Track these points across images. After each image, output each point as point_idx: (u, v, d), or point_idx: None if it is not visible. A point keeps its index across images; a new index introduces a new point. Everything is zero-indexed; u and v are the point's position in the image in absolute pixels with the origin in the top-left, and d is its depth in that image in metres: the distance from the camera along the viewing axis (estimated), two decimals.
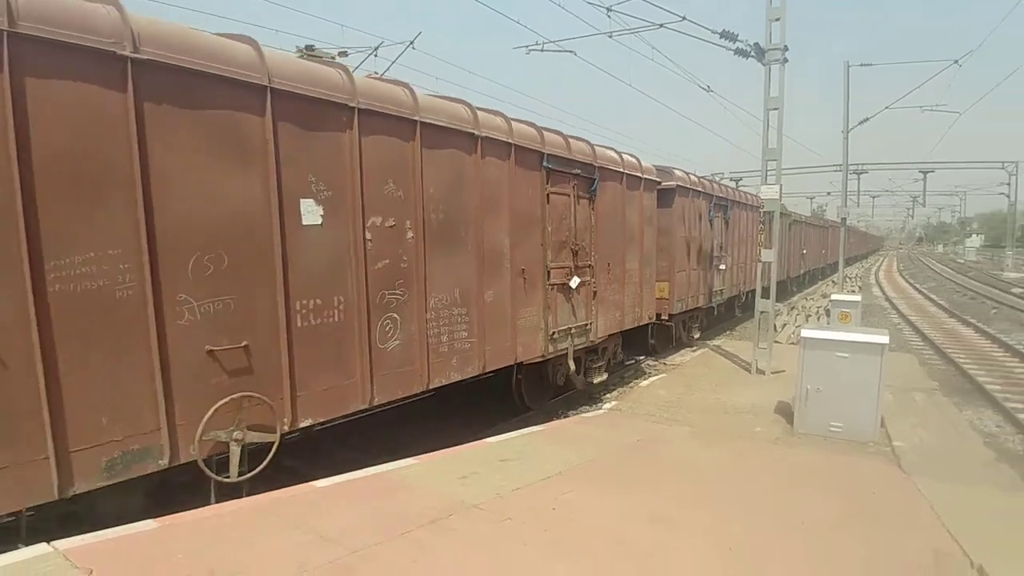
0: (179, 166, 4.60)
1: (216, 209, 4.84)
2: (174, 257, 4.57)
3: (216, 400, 4.84)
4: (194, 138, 4.69)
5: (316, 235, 5.59)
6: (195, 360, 4.74)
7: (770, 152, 11.30)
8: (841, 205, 25.05)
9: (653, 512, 5.26)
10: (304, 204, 5.49)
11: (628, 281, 11.17)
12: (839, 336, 8.00)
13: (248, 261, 5.06)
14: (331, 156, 5.70)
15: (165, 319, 4.53)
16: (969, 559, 4.56)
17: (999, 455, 7.68)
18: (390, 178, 6.27)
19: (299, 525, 4.64)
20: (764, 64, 11.10)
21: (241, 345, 5.04)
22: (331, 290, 5.77)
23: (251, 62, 5.04)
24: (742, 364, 12.27)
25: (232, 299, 4.96)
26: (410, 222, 6.53)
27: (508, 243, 8.03)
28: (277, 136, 5.19)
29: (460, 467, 6.18)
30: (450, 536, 4.59)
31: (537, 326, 8.69)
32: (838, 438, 7.74)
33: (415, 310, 6.66)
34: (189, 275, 4.67)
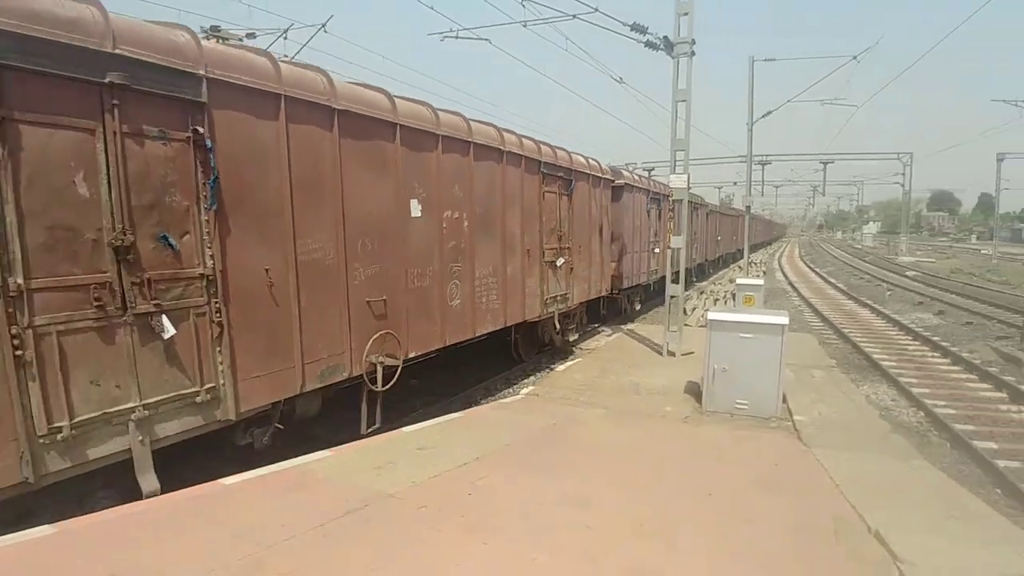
0: (354, 180, 6.74)
1: (370, 207, 7.02)
2: (352, 240, 6.77)
3: (372, 335, 7.08)
4: (361, 161, 6.86)
5: (418, 224, 7.85)
6: (361, 307, 6.95)
7: (678, 143, 11.66)
8: (746, 194, 26.26)
9: (568, 493, 5.38)
10: (412, 203, 7.75)
11: (592, 261, 13.75)
12: (743, 318, 8.40)
13: (385, 242, 7.30)
14: (425, 168, 7.97)
15: (348, 280, 6.73)
16: (866, 524, 4.91)
17: (894, 427, 8.30)
18: (456, 183, 8.60)
19: (207, 523, 4.47)
20: (673, 57, 11.42)
21: (383, 298, 7.26)
22: (425, 262, 8.06)
23: (388, 107, 7.30)
24: (654, 347, 12.69)
25: (378, 267, 7.19)
26: (466, 215, 8.86)
27: (519, 231, 10.42)
28: (400, 157, 7.43)
29: (376, 457, 6.10)
30: (365, 527, 4.54)
31: (536, 293, 11.12)
32: (743, 415, 8.15)
33: (468, 279, 9.02)
34: (358, 251, 6.88)
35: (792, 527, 4.84)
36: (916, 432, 8.76)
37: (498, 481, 5.61)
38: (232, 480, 5.37)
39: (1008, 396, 10.39)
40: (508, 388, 10.90)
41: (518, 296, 10.48)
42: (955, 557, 4.40)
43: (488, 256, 9.49)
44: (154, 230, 4.84)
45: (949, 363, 12.98)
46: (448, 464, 5.97)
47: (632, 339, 14.04)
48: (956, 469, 7.45)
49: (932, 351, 14.20)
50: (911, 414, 9.65)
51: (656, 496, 5.41)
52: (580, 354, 13.04)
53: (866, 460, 6.58)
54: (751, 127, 24.16)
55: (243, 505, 4.85)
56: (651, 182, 19.52)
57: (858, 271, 40.52)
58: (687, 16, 11.14)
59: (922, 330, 16.43)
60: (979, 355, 13.61)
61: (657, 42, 11.74)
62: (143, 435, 4.80)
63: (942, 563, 4.29)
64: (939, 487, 5.96)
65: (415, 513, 4.82)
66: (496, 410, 8.79)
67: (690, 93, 11.39)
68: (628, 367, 11.08)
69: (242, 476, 5.47)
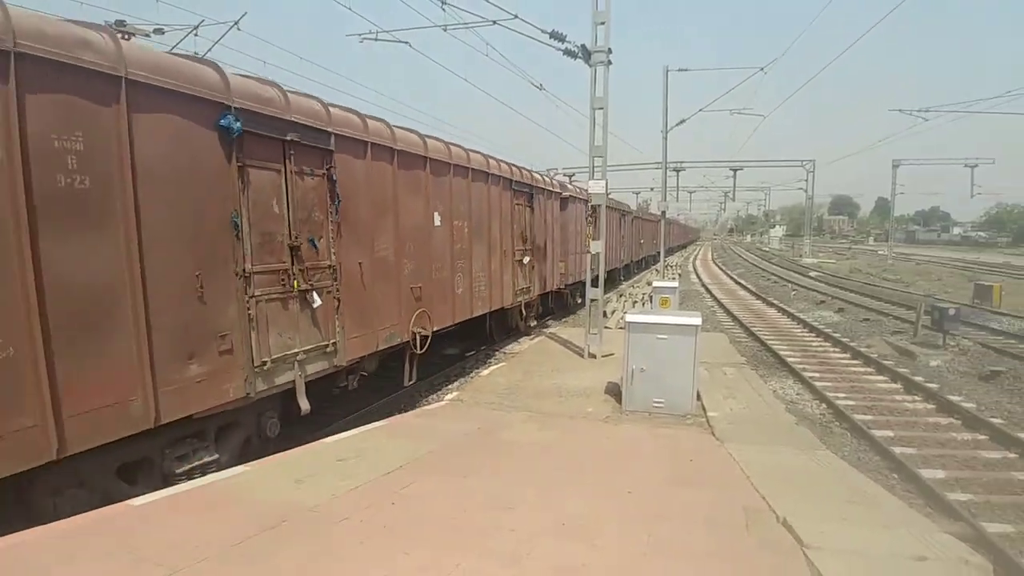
0: (403, 200, 9.18)
1: (411, 219, 9.49)
2: (402, 243, 9.19)
3: (414, 312, 9.56)
4: (407, 185, 9.32)
5: (438, 231, 10.38)
6: (407, 292, 9.43)
7: (597, 149, 11.90)
8: (661, 199, 27.18)
9: (492, 496, 5.39)
10: (435, 215, 10.24)
11: (547, 260, 16.65)
12: (659, 320, 8.68)
13: (420, 244, 9.77)
14: (442, 189, 10.50)
15: (400, 272, 9.20)
16: (775, 513, 5.15)
17: (799, 419, 8.76)
18: (461, 200, 11.27)
19: (114, 549, 4.20)
20: (590, 65, 11.65)
21: (419, 286, 9.75)
22: (442, 259, 10.60)
23: (421, 144, 9.82)
24: (576, 349, 12.91)
25: (416, 263, 9.67)
26: (467, 223, 11.48)
27: (500, 235, 13.13)
28: (428, 182, 9.96)
29: (295, 470, 5.92)
30: (283, 544, 4.39)
31: (509, 285, 13.89)
32: (661, 413, 8.40)
33: (468, 272, 11.64)
34: (405, 251, 9.32)
35: (707, 520, 5.03)
36: (820, 424, 9.28)
37: (422, 489, 5.55)
38: (141, 501, 5.07)
39: (902, 387, 11.18)
40: (432, 394, 10.82)
41: (499, 287, 13.28)
42: (857, 540, 4.68)
43: (480, 255, 12.24)
44: (307, 235, 7.14)
45: (849, 357, 13.83)
46: (371, 474, 5.86)
47: (554, 342, 14.22)
48: (857, 457, 7.93)
49: (833, 347, 15.10)
50: (815, 407, 10.21)
51: (578, 496, 5.49)
52: (504, 358, 13.11)
53: (774, 452, 6.91)
54: (666, 134, 25.05)
55: (153, 527, 4.59)
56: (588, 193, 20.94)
57: (766, 272, 42.59)
58: (604, 25, 11.37)
59: (824, 327, 17.45)
60: (876, 349, 14.58)
61: (575, 50, 11.96)
62: (301, 371, 7.10)
63: (845, 546, 4.56)
64: (841, 475, 6.34)
65: (336, 526, 4.71)
66: (419, 417, 8.71)
67: (607, 101, 11.65)
68: (551, 370, 11.22)
69: (152, 496, 5.18)
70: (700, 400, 8.75)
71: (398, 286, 9.15)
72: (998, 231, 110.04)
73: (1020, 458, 7.77)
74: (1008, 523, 6.07)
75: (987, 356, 13.71)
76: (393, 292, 9.03)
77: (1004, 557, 5.20)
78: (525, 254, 14.64)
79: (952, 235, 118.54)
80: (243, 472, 5.87)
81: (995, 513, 6.32)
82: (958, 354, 14.01)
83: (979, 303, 22.54)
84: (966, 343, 14.96)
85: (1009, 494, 6.78)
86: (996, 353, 13.91)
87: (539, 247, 15.68)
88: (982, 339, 15.57)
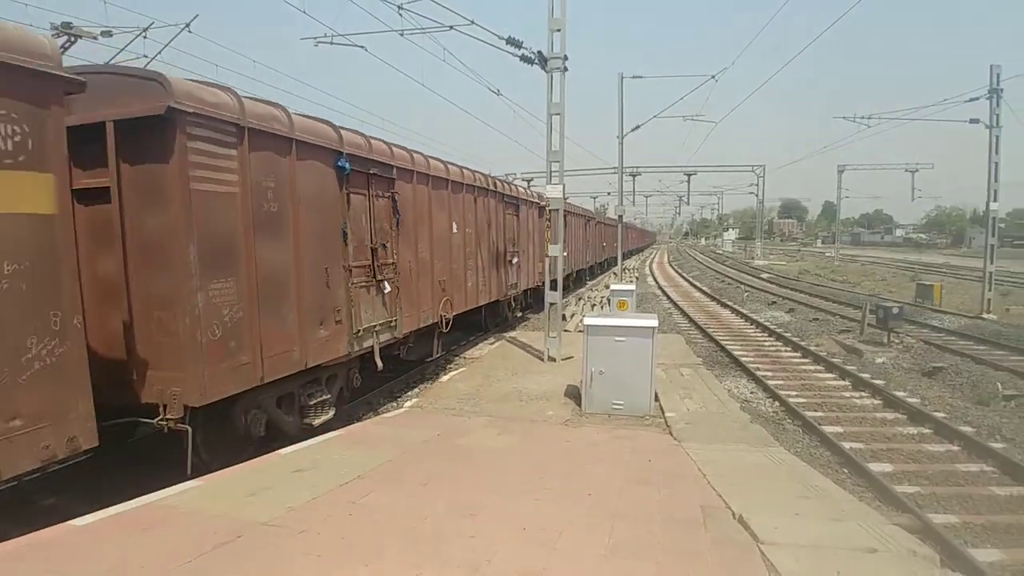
0: (434, 214, 11.57)
1: (439, 228, 11.86)
2: (434, 247, 11.60)
3: (441, 299, 11.89)
4: (436, 202, 11.70)
5: (455, 237, 12.72)
6: (436, 285, 11.71)
7: (554, 154, 11.97)
8: (618, 204, 27.50)
9: (452, 503, 5.34)
10: (453, 224, 12.59)
11: (529, 261, 18.91)
12: (616, 322, 8.77)
13: (444, 247, 12.11)
14: (459, 203, 12.93)
15: (433, 269, 11.56)
16: (731, 510, 5.24)
17: (753, 417, 8.94)
18: (470, 212, 13.66)
19: (54, 572, 4.01)
20: (547, 71, 11.70)
21: (444, 280, 12.04)
22: (457, 259, 12.90)
23: (444, 169, 12.16)
24: (535, 353, 12.93)
25: (442, 262, 11.96)
26: (474, 231, 13.95)
27: (495, 240, 15.63)
28: (449, 198, 12.39)
29: (249, 484, 5.76)
30: (236, 560, 4.25)
31: (502, 281, 16.34)
32: (620, 414, 8.47)
33: (475, 269, 14.02)
34: (435, 252, 11.61)
35: (665, 519, 5.08)
36: (773, 421, 9.48)
37: (380, 499, 5.46)
38: (84, 521, 4.86)
39: (851, 384, 11.52)
40: (391, 401, 10.69)
41: (495, 282, 15.71)
42: (810, 534, 4.79)
43: (483, 256, 14.58)
44: (381, 241, 9.47)
45: (800, 356, 14.20)
46: (328, 485, 5.74)
47: (514, 346, 14.23)
48: (808, 453, 8.13)
49: (785, 346, 15.48)
50: (768, 405, 10.43)
51: (539, 500, 5.49)
52: (464, 363, 13.04)
53: (730, 450, 7.04)
54: (621, 140, 25.36)
55: (97, 548, 4.40)
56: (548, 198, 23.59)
57: (720, 274, 43.47)
58: (560, 32, 11.44)
59: (776, 327, 17.89)
60: (825, 348, 15.01)
61: (532, 56, 12.00)
62: (377, 339, 9.40)
63: (798, 540, 4.66)
64: (794, 471, 6.48)
65: (292, 540, 4.59)
66: (378, 425, 8.60)
67: (564, 107, 11.72)
68: (511, 374, 11.21)
69: (95, 516, 4.97)
70: (658, 401, 8.85)
71: (431, 279, 11.57)
72: (938, 233, 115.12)
73: (963, 451, 8.08)
74: (953, 514, 6.30)
75: (929, 353, 14.26)
76: (428, 284, 11.45)
77: (950, 547, 5.39)
78: (514, 255, 17.08)
79: (895, 237, 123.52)
80: (195, 487, 5.69)
81: (940, 504, 6.55)
82: (902, 351, 14.53)
83: (921, 302, 23.48)
84: (910, 340, 15.53)
85: (953, 486, 7.04)
86: (938, 350, 14.49)
87: (524, 250, 18.19)
88: (924, 336, 16.21)
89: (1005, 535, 5.86)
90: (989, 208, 20.62)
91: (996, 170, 20.05)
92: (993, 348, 14.55)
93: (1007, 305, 23.23)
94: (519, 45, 12.15)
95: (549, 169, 12.10)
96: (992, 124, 20.05)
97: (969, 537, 5.82)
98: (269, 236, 7.00)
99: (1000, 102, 19.95)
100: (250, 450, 7.10)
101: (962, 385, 11.41)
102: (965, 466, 7.58)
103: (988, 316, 19.79)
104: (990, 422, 9.08)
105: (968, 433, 8.45)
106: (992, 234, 20.75)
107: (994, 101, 19.98)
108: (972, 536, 5.85)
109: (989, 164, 20.11)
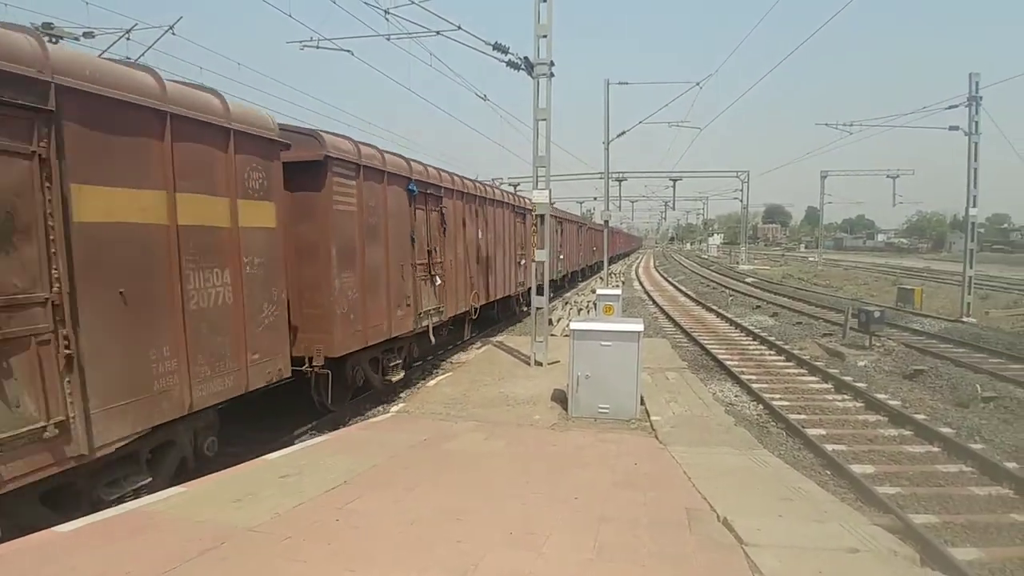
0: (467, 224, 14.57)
1: (469, 234, 14.71)
2: (466, 249, 14.46)
3: (471, 292, 14.89)
4: (468, 212, 14.57)
5: (481, 241, 15.56)
6: (468, 280, 14.67)
7: (540, 159, 12.01)
8: (604, 209, 27.62)
9: (439, 508, 5.34)
10: (479, 231, 15.35)
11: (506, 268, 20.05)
12: (602, 327, 8.82)
13: (473, 250, 14.89)
14: (485, 215, 15.87)
15: (468, 268, 14.54)
16: (716, 513, 5.28)
17: (737, 420, 9.03)
18: (491, 220, 16.25)
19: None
20: (533, 77, 11.76)
21: (472, 276, 14.84)
22: (481, 259, 15.40)
23: (473, 186, 15.15)
24: (522, 358, 12.96)
25: (471, 262, 14.77)
26: (493, 236, 16.53)
27: (508, 244, 18.21)
28: (477, 211, 15.24)
29: (234, 490, 5.72)
30: (221, 567, 4.23)
31: (513, 279, 18.88)
32: (606, 418, 8.52)
33: (494, 268, 16.65)
34: (468, 254, 14.58)
35: (651, 522, 5.11)
36: (757, 424, 9.58)
37: (367, 504, 5.46)
38: (68, 528, 4.80)
39: (833, 387, 11.66)
40: (378, 406, 10.67)
41: (509, 280, 18.50)
42: (793, 536, 4.85)
43: (500, 257, 17.30)
44: (433, 244, 12.19)
45: (783, 360, 14.35)
46: (315, 490, 5.72)
47: (501, 351, 14.24)
48: (792, 455, 8.23)
49: (768, 350, 15.64)
50: (753, 408, 10.54)
51: (525, 503, 5.50)
52: (451, 368, 13.04)
53: (714, 453, 7.10)
54: (607, 146, 25.46)
55: (79, 555, 4.35)
56: (558, 210, 28.61)
57: (705, 279, 43.78)
58: (546, 38, 11.51)
59: (760, 331, 18.05)
60: (808, 351, 15.17)
61: (518, 62, 12.05)
62: (430, 320, 12.12)
63: (781, 542, 4.72)
64: (778, 473, 6.55)
65: (278, 546, 4.57)
66: (365, 430, 8.57)
67: (550, 112, 11.78)
68: (497, 379, 11.23)
69: (80, 522, 4.91)
70: (644, 405, 8.91)
71: (465, 276, 14.31)
72: (919, 237, 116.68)
73: (943, 452, 8.21)
74: (933, 514, 6.41)
75: (910, 355, 14.47)
76: (463, 279, 14.18)
77: (930, 547, 5.47)
78: (522, 257, 19.57)
79: (877, 242, 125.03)
80: (179, 493, 5.65)
81: (921, 505, 6.66)
82: (884, 354, 14.72)
83: (902, 306, 23.77)
84: (891, 344, 15.74)
85: (933, 486, 7.16)
86: (919, 353, 14.69)
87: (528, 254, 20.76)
88: (905, 340, 16.43)
89: (984, 534, 5.97)
90: (968, 214, 20.97)
91: (975, 176, 20.40)
92: (972, 351, 14.78)
93: (986, 308, 23.61)
94: (505, 51, 12.20)
95: (535, 174, 12.14)
96: (971, 131, 20.40)
97: (949, 536, 5.92)
98: (371, 241, 9.95)
99: (979, 109, 20.32)
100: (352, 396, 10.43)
101: (942, 387, 11.59)
102: (945, 467, 7.70)
103: (968, 319, 20.11)
104: (969, 423, 9.22)
105: (948, 434, 8.58)
106: (971, 239, 21.10)
107: (973, 108, 20.35)
108: (952, 535, 5.95)
109: (968, 170, 20.45)
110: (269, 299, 7.35)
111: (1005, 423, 9.33)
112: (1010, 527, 6.11)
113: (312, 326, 8.79)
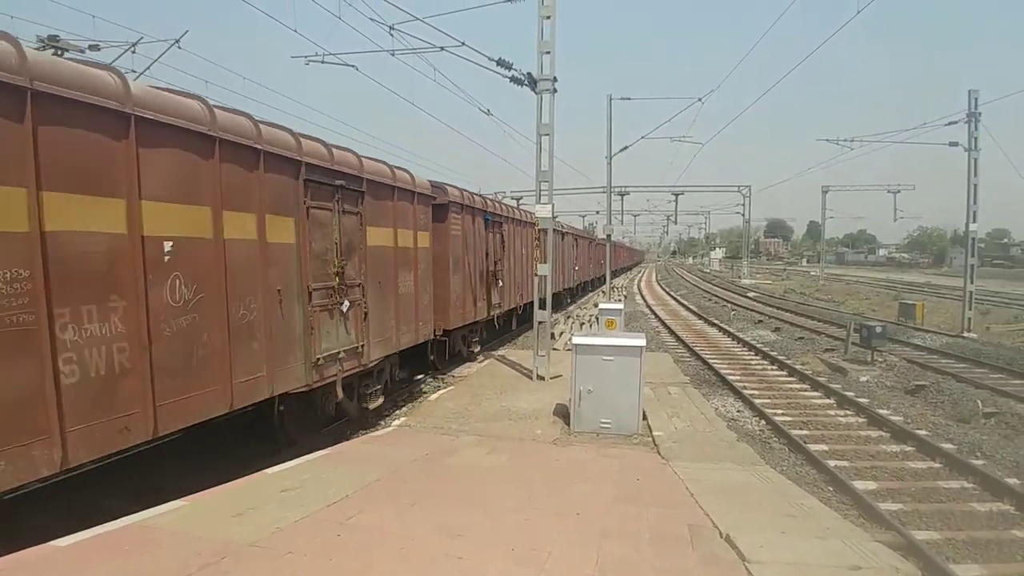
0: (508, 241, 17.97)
1: (515, 250, 18.77)
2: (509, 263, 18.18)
3: (517, 294, 19.06)
4: (518, 234, 19.05)
5: (520, 255, 19.23)
6: (516, 286, 18.86)
7: (543, 174, 12.07)
8: (607, 223, 27.70)
9: (441, 523, 5.33)
10: (521, 247, 19.30)
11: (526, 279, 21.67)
12: (605, 341, 8.82)
13: (519, 264, 19.18)
14: (514, 235, 18.57)
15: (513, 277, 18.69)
16: (718, 529, 5.28)
17: (740, 436, 9.01)
18: (515, 237, 18.66)
19: None
20: (536, 93, 11.86)
21: (517, 282, 19.01)
22: (505, 268, 17.49)
23: (515, 208, 20.72)
24: (524, 372, 12.96)
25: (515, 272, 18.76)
26: (515, 251, 18.65)
27: (527, 258, 19.47)
28: (509, 228, 18.08)
29: (234, 504, 5.72)
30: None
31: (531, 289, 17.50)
32: (608, 433, 8.51)
33: (503, 280, 17.24)
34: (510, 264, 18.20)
35: (653, 538, 5.11)
36: (759, 440, 9.55)
37: (369, 519, 5.45)
38: (67, 542, 4.80)
39: (835, 402, 11.64)
40: (380, 420, 10.65)
41: (527, 290, 19.53)
42: (795, 552, 4.84)
43: (520, 270, 19.32)
44: (496, 258, 16.61)
45: (786, 375, 14.32)
46: (316, 505, 5.72)
47: (503, 364, 14.25)
48: (794, 471, 8.19)
49: (771, 364, 15.61)
50: (755, 423, 10.50)
51: (527, 519, 5.50)
52: (453, 381, 13.04)
53: (717, 469, 7.09)
54: (610, 160, 25.62)
55: (79, 570, 4.36)
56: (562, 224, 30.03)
57: (707, 293, 43.76)
58: (549, 55, 11.63)
59: (762, 346, 18.03)
60: (810, 367, 15.14)
61: (522, 78, 12.15)
62: (497, 311, 17.22)
63: (784, 559, 4.71)
64: (780, 489, 6.54)
65: (279, 561, 4.56)
66: (366, 444, 8.57)
67: (553, 127, 11.86)
68: (499, 393, 11.22)
69: (79, 536, 4.91)
70: (646, 420, 8.90)
71: (513, 282, 17.91)
72: (920, 252, 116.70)
73: (944, 467, 8.18)
74: (935, 530, 6.37)
75: (912, 371, 14.44)
76: (512, 284, 17.87)
77: (932, 564, 5.45)
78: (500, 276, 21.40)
79: (878, 256, 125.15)
80: (178, 507, 5.65)
81: (923, 521, 6.63)
82: (885, 369, 14.70)
83: (904, 321, 23.75)
84: (892, 359, 15.72)
85: (936, 502, 7.13)
86: (920, 368, 14.67)
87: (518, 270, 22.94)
88: (907, 355, 16.40)
89: (985, 550, 5.94)
90: (968, 229, 21.01)
91: (975, 192, 20.47)
92: (974, 366, 14.75)
93: (987, 324, 23.59)
94: (509, 67, 12.30)
95: (538, 188, 12.19)
96: (971, 147, 20.50)
97: (951, 553, 5.89)
98: (467, 254, 14.27)
99: (978, 125, 20.43)
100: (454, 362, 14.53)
101: (944, 403, 11.56)
102: (947, 483, 7.67)
103: (969, 335, 20.09)
104: (971, 439, 9.19)
105: (950, 450, 8.56)
106: (972, 254, 21.13)
107: (972, 124, 20.46)
108: (954, 552, 5.92)
109: (968, 186, 20.52)
110: (427, 290, 11.92)
111: (1006, 439, 9.30)
112: (1011, 543, 6.08)
113: (437, 311, 12.70)
